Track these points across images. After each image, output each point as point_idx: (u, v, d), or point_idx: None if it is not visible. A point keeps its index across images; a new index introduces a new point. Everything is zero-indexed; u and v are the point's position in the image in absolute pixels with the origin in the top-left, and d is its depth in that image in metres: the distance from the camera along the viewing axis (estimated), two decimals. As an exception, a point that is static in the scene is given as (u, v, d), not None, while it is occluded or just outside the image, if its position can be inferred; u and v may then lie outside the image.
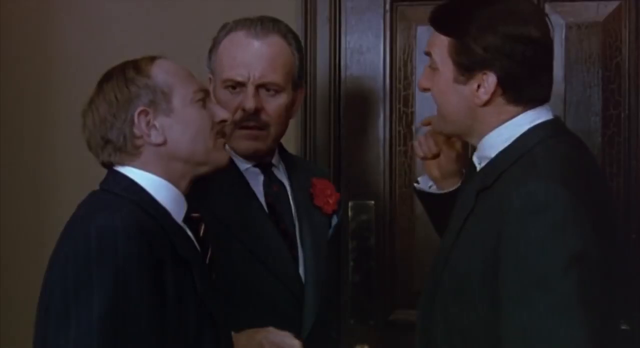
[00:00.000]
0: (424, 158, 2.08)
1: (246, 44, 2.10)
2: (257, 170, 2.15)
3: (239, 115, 2.08)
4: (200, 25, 2.72)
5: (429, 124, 2.02)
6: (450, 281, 1.73)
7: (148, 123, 1.74)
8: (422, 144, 2.08)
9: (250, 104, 2.07)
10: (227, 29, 2.14)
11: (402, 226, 2.76)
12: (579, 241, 1.58)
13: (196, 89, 1.80)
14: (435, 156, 2.07)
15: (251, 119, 2.09)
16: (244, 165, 2.14)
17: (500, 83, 1.71)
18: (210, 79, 2.16)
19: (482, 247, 1.66)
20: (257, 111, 2.08)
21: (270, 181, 2.16)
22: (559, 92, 2.64)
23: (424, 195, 2.14)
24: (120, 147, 1.74)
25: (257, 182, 2.15)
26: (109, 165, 1.78)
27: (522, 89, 1.72)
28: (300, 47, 2.18)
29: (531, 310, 1.57)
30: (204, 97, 1.81)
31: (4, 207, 2.89)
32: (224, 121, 1.83)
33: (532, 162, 1.68)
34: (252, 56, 2.09)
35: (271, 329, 1.93)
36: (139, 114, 1.73)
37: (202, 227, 1.83)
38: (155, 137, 1.74)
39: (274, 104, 2.11)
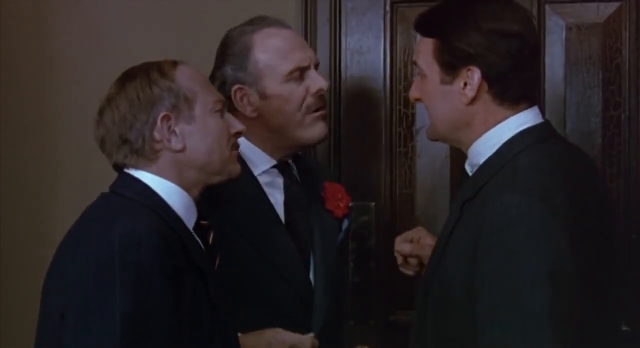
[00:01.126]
0: (417, 273, 2.08)
1: (285, 34, 2.12)
2: (275, 170, 2.13)
3: (310, 100, 2.08)
4: (200, 25, 2.74)
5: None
6: (439, 289, 1.73)
7: (169, 128, 1.73)
8: (407, 267, 2.08)
9: (326, 82, 2.10)
10: (250, 31, 2.11)
11: (403, 227, 2.74)
12: (552, 257, 1.56)
13: (216, 98, 1.80)
14: (421, 264, 2.06)
15: (320, 100, 2.11)
16: (262, 167, 2.11)
17: (485, 77, 1.71)
18: (238, 89, 2.09)
19: (464, 257, 1.65)
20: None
21: (291, 181, 2.15)
22: (559, 93, 2.64)
23: None
24: (138, 149, 1.73)
25: (274, 184, 2.12)
26: (121, 168, 1.77)
27: (508, 84, 1.72)
28: None
29: (501, 326, 1.56)
30: (222, 107, 1.81)
31: (4, 207, 2.89)
32: (239, 133, 1.83)
33: (513, 172, 1.67)
34: (299, 41, 2.15)
35: (279, 330, 1.93)
36: (162, 118, 1.72)
37: (211, 234, 1.82)
38: (175, 143, 1.74)
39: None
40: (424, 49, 1.78)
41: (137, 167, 1.74)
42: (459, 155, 2.68)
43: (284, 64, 2.06)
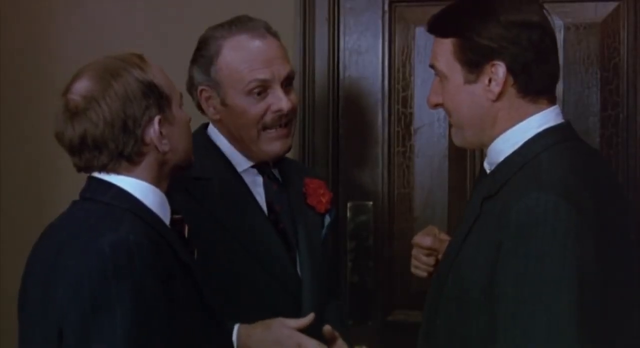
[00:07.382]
0: (430, 274, 2.05)
1: (256, 45, 2.07)
2: (254, 170, 2.14)
3: (269, 118, 2.06)
4: (200, 25, 2.73)
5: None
6: (454, 287, 1.71)
7: (160, 131, 1.68)
8: (419, 266, 2.06)
9: (287, 104, 2.06)
10: (220, 37, 2.09)
11: (401, 227, 2.76)
12: (578, 259, 1.55)
13: (179, 92, 1.77)
14: (436, 261, 2.04)
15: (281, 119, 2.08)
16: (242, 166, 2.13)
17: (510, 70, 1.69)
18: (203, 90, 2.10)
19: (484, 256, 1.63)
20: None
21: (270, 180, 2.15)
22: (557, 93, 2.58)
23: None
24: (128, 152, 1.66)
25: (255, 183, 2.14)
26: (90, 171, 1.70)
27: (532, 75, 1.70)
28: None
29: (524, 328, 1.55)
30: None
31: (4, 206, 2.89)
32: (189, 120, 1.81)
33: (536, 171, 1.65)
34: (270, 54, 2.07)
35: (285, 322, 1.91)
36: (158, 122, 1.67)
37: (185, 227, 1.81)
38: (164, 146, 1.69)
39: (294, 98, 2.12)
40: (442, 50, 1.74)
41: (115, 172, 1.68)
42: (457, 155, 2.70)
43: (244, 79, 2.04)
